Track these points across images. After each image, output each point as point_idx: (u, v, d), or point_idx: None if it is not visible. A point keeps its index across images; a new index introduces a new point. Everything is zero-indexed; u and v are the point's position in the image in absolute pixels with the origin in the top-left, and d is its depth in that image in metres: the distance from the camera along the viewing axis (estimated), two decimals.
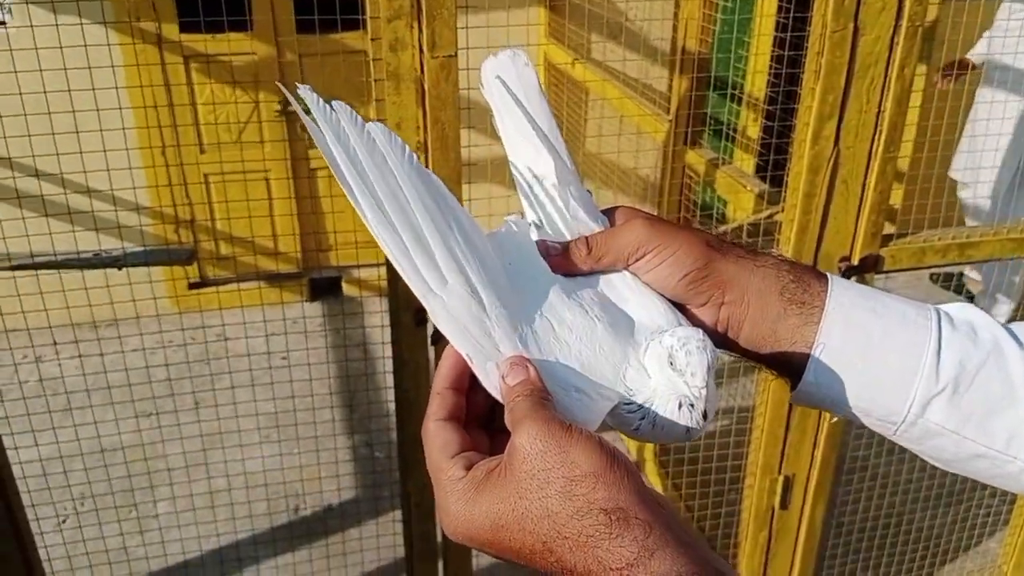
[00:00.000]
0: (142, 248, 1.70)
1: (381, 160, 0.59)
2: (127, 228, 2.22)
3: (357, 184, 0.58)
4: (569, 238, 0.66)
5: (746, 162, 2.68)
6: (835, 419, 0.68)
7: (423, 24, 1.43)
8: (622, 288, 0.65)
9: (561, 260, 0.65)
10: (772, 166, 1.99)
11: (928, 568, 2.57)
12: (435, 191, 0.60)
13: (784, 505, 2.13)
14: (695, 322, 0.65)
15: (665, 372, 0.58)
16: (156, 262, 1.69)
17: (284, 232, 4.16)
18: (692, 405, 0.58)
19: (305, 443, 2.53)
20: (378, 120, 0.62)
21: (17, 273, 1.60)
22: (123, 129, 2.08)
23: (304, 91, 0.60)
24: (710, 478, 2.38)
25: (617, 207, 0.70)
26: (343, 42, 3.67)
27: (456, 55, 1.45)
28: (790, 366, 0.65)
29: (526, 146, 0.70)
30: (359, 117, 0.60)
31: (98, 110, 1.91)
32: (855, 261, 1.82)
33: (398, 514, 2.18)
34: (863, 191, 1.76)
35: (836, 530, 2.43)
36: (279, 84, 0.63)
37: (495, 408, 0.60)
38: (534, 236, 0.67)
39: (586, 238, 0.66)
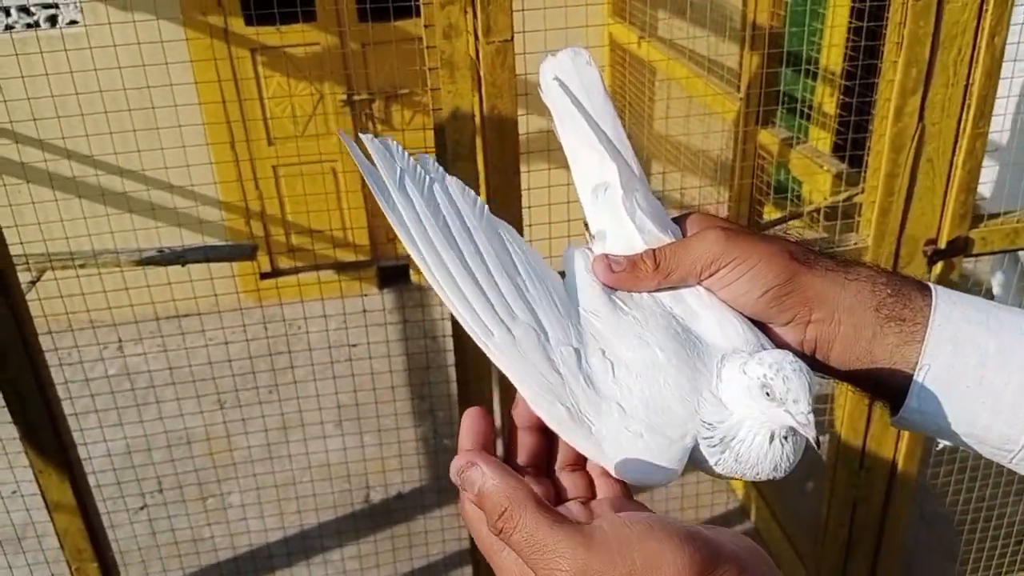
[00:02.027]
0: (202, 245, 1.70)
1: (455, 207, 0.59)
2: (198, 223, 2.24)
3: (417, 227, 0.57)
4: (635, 252, 0.60)
5: (823, 141, 2.56)
6: (940, 445, 0.61)
7: (477, 9, 1.38)
8: (695, 306, 0.59)
9: (626, 276, 0.59)
10: (851, 145, 1.88)
11: (1021, 563, 2.43)
12: (506, 235, 0.59)
13: (866, 500, 2.04)
14: (778, 343, 0.59)
15: (759, 403, 0.53)
16: (217, 258, 1.69)
17: (353, 223, 4.18)
18: (786, 438, 0.53)
19: (372, 433, 2.53)
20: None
21: (81, 271, 1.62)
22: (188, 126, 2.09)
23: (370, 141, 0.58)
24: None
25: (690, 214, 0.63)
26: (403, 29, 3.66)
27: (512, 40, 1.40)
28: (890, 390, 0.58)
29: (588, 152, 0.64)
30: (440, 168, 0.60)
31: (175, 106, 1.92)
32: (942, 244, 1.72)
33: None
34: (951, 169, 1.65)
35: (921, 522, 2.32)
36: (340, 133, 0.62)
37: (552, 449, 0.57)
38: (598, 250, 0.62)
39: (653, 251, 0.60)
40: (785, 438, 0.53)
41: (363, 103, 3.97)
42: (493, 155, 1.51)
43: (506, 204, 1.54)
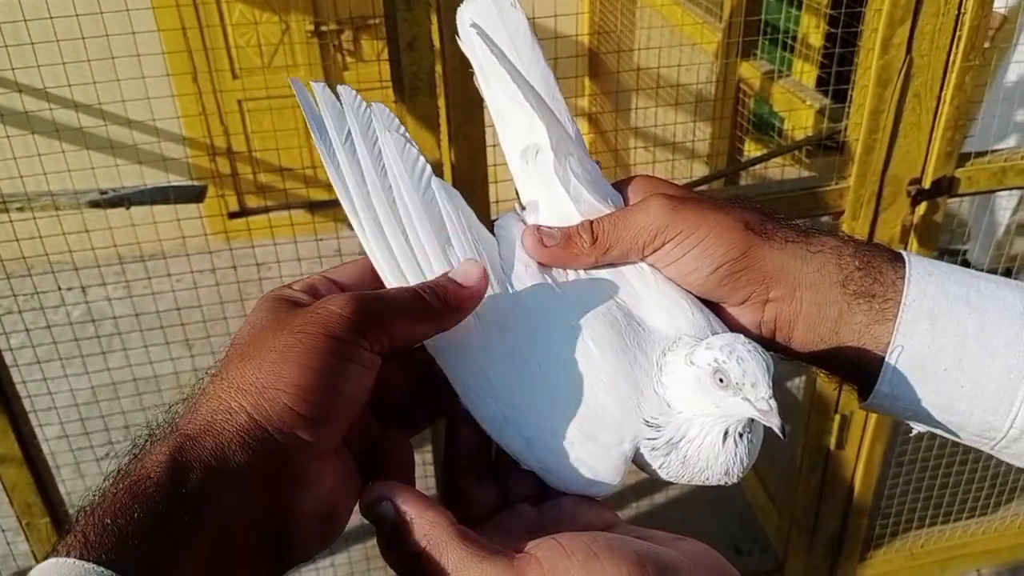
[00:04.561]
0: (143, 187, 1.59)
1: (387, 171, 0.54)
2: (161, 160, 2.11)
3: (359, 192, 0.55)
4: (571, 224, 0.53)
5: (806, 74, 2.46)
6: (915, 431, 0.54)
7: None
8: (638, 285, 0.52)
9: (559, 252, 0.52)
10: (835, 79, 1.79)
11: (993, 507, 2.43)
12: (443, 203, 0.53)
13: (840, 445, 2.01)
14: (733, 326, 0.52)
15: (713, 395, 0.46)
16: (163, 200, 1.59)
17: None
18: (741, 435, 0.47)
19: None
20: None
21: (14, 215, 1.52)
22: (147, 55, 1.96)
23: (336, 90, 0.55)
24: None
25: (633, 178, 0.55)
26: None
27: None
28: (859, 373, 0.52)
29: (516, 110, 0.56)
30: (396, 119, 0.55)
31: (133, 33, 1.78)
32: (926, 184, 1.66)
33: (429, 449, 2.12)
34: (938, 105, 1.58)
35: (896, 469, 2.30)
36: (292, 80, 0.56)
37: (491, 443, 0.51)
38: (531, 222, 0.55)
39: (590, 223, 0.52)
40: (740, 435, 0.47)
41: (331, 33, 3.81)
42: (454, 89, 1.41)
43: (469, 141, 1.45)
